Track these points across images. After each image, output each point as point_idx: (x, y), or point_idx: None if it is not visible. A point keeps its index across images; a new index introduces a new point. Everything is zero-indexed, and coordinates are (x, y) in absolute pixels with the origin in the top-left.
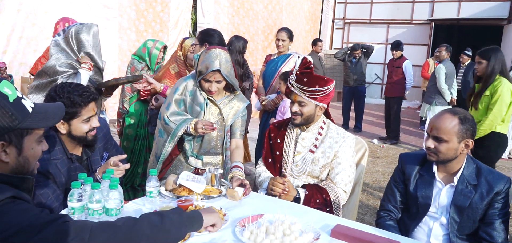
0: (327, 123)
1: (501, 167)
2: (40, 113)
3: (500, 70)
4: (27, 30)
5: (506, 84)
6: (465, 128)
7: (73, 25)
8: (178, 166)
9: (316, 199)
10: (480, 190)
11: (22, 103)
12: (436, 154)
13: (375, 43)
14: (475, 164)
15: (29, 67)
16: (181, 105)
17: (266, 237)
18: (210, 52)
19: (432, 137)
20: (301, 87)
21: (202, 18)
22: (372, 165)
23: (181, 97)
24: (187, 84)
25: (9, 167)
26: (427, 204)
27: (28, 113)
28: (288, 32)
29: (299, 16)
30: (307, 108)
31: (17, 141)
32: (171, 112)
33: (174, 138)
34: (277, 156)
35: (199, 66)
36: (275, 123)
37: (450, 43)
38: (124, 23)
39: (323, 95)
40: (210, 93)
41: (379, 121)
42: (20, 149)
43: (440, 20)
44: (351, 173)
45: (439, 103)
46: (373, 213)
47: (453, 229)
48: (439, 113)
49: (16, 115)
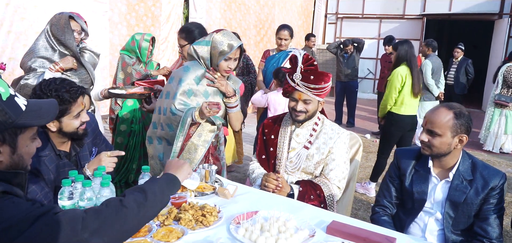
0: (322, 118)
1: (492, 161)
2: (34, 110)
3: (406, 60)
4: (16, 24)
5: (399, 71)
6: (459, 123)
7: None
8: (191, 149)
9: (310, 195)
10: (475, 186)
11: (15, 101)
12: (430, 148)
13: (367, 38)
14: (471, 160)
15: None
16: (191, 95)
17: (261, 234)
18: (224, 32)
19: (426, 131)
20: (307, 86)
21: (194, 13)
22: (365, 160)
23: (189, 86)
24: (189, 74)
25: (3, 165)
26: (422, 199)
27: (22, 111)
28: (290, 30)
29: (292, 11)
30: (311, 105)
31: (11, 139)
32: (178, 102)
33: (184, 126)
34: (271, 152)
35: (218, 48)
36: (269, 118)
37: (441, 38)
38: (115, 17)
39: (325, 91)
40: (227, 72)
41: (371, 116)
42: (14, 147)
43: (432, 15)
44: (345, 169)
45: (427, 98)
46: (367, 208)
47: (448, 224)
48: (435, 107)
49: (9, 114)
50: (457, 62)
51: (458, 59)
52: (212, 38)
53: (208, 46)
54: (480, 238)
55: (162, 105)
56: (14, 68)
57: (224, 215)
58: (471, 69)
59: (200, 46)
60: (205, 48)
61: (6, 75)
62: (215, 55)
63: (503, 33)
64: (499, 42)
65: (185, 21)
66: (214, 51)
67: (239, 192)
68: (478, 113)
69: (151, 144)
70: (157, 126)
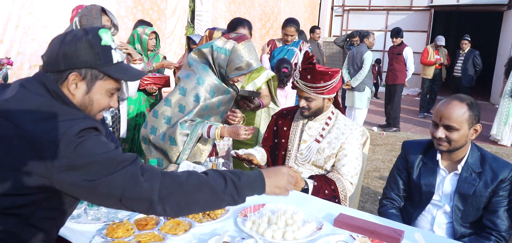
0: (336, 113)
1: (500, 153)
2: (123, 68)
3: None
4: (24, 18)
5: None
6: (474, 114)
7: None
8: (197, 153)
9: (324, 190)
10: (484, 178)
11: (110, 52)
12: (449, 143)
13: (374, 30)
14: (479, 152)
15: (27, 56)
16: (206, 110)
17: (268, 227)
18: (246, 44)
19: (443, 126)
20: (305, 84)
21: (200, 6)
22: (372, 152)
23: (206, 102)
24: (204, 86)
25: (74, 101)
26: (430, 192)
27: (111, 63)
28: (296, 25)
29: (298, 3)
30: (314, 102)
31: (90, 79)
32: (189, 123)
33: (193, 139)
34: (282, 144)
35: (236, 63)
36: (282, 109)
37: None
38: (121, 11)
39: (330, 88)
40: (235, 82)
41: (378, 109)
42: (90, 89)
43: (439, 6)
44: (358, 165)
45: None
46: (374, 200)
47: (457, 217)
48: (445, 101)
49: (100, 58)
50: (464, 53)
51: (465, 51)
52: (232, 47)
53: (227, 56)
54: (488, 231)
55: (173, 117)
56: (23, 62)
57: (231, 208)
58: (479, 60)
59: (219, 52)
60: (222, 56)
61: (14, 69)
62: (230, 68)
63: None
64: (508, 33)
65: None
66: (231, 63)
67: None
68: (486, 105)
69: (146, 144)
70: (156, 132)
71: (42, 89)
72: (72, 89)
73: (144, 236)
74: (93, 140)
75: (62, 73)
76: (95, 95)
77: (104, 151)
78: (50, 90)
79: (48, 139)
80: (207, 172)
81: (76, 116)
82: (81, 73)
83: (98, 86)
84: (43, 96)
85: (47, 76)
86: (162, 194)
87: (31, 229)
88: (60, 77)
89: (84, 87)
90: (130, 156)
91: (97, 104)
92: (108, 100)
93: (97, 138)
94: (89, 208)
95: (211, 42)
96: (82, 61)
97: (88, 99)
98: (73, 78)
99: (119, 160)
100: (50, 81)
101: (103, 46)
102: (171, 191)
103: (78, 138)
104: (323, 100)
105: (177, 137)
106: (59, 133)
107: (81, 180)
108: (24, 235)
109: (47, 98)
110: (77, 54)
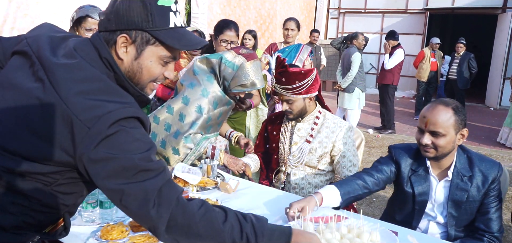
0: (323, 112)
1: (489, 153)
2: (179, 33)
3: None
4: (19, 20)
5: None
6: (460, 119)
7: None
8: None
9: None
10: (475, 182)
11: (168, 14)
12: (435, 149)
13: (370, 33)
14: (466, 154)
15: None
16: (208, 121)
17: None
18: (254, 64)
19: (429, 132)
20: (282, 87)
21: (196, 8)
22: (367, 154)
23: (209, 114)
24: (209, 97)
25: (123, 66)
26: (424, 201)
27: (167, 27)
28: (296, 22)
29: (294, 5)
30: (295, 104)
31: (140, 43)
32: (193, 136)
33: (195, 153)
34: (274, 148)
35: (241, 79)
36: (272, 115)
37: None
38: None
39: (307, 87)
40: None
41: (374, 111)
42: (139, 54)
43: (435, 9)
44: (356, 161)
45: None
46: (369, 202)
47: (451, 223)
48: (430, 106)
49: (153, 20)
50: (459, 56)
51: (460, 54)
52: (241, 64)
53: (234, 71)
54: (481, 233)
55: (173, 125)
56: None
57: None
58: (474, 63)
59: (227, 65)
60: (229, 70)
61: None
62: (234, 82)
63: (506, 27)
64: (503, 36)
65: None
66: (236, 78)
67: (241, 186)
68: (481, 108)
69: None
70: (156, 138)
71: (95, 55)
72: (120, 53)
73: (138, 238)
74: (127, 133)
75: (112, 33)
76: (144, 62)
77: (133, 152)
78: (102, 58)
79: (83, 119)
80: (227, 211)
81: (122, 98)
82: (131, 36)
83: (148, 52)
84: (94, 66)
85: (100, 40)
86: (170, 225)
87: (55, 195)
88: (111, 38)
89: (134, 52)
90: (156, 167)
91: (147, 72)
92: (160, 69)
93: (133, 132)
94: (84, 210)
95: (221, 53)
96: (133, 21)
97: (137, 65)
98: (122, 41)
99: (141, 168)
100: (103, 46)
101: (160, 7)
102: (179, 226)
103: (111, 129)
104: (304, 100)
105: (181, 149)
106: (95, 115)
107: (96, 173)
108: (45, 200)
109: (97, 69)
110: (129, 13)
